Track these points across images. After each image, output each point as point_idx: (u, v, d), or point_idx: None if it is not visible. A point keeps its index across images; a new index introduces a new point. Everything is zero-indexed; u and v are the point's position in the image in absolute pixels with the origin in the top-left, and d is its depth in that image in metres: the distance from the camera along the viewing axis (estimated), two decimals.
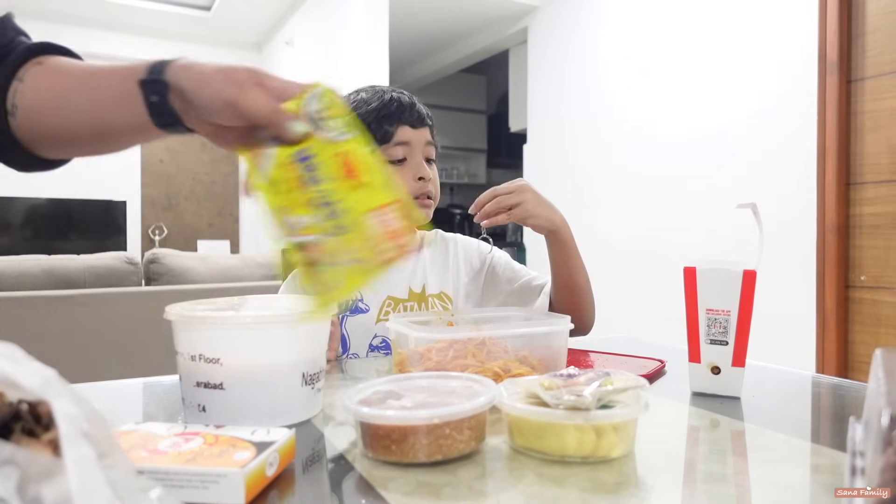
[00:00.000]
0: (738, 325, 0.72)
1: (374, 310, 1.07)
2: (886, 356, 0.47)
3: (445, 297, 1.11)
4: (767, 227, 0.79)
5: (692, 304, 0.74)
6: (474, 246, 1.20)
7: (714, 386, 0.73)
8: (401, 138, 1.07)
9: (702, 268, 0.74)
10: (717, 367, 0.73)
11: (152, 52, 5.18)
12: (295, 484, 0.49)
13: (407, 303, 1.09)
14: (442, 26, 4.32)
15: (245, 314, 0.62)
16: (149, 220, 5.30)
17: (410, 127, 1.07)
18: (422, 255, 1.14)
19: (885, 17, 2.14)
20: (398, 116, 1.07)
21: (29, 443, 0.31)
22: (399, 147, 1.07)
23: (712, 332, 0.73)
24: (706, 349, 0.73)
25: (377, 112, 1.07)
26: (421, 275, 1.12)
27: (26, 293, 2.10)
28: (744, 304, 0.71)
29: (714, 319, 0.73)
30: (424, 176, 1.06)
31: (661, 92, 2.95)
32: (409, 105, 1.08)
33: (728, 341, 0.72)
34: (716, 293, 0.73)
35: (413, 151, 1.08)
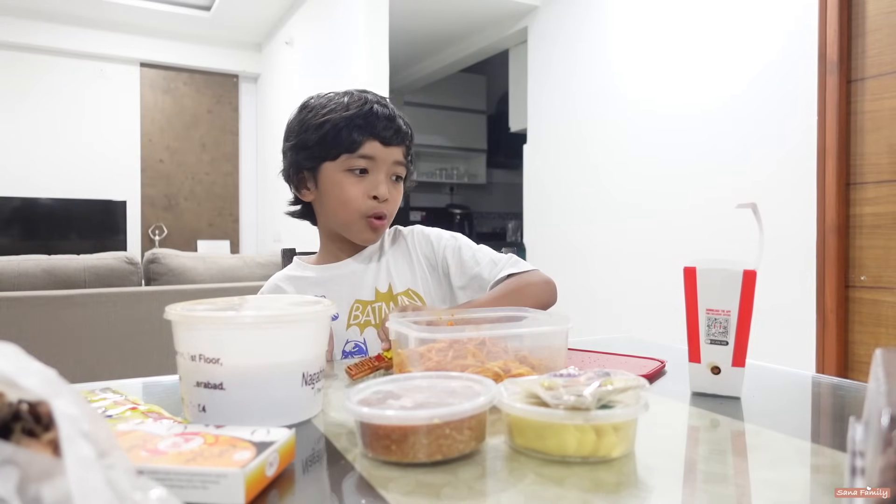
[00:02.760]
0: (739, 326, 0.71)
1: (343, 316, 1.06)
2: (886, 356, 0.47)
3: (414, 295, 1.10)
4: (767, 227, 0.79)
5: (692, 304, 0.74)
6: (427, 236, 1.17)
7: (714, 386, 0.73)
8: (367, 151, 1.04)
9: (702, 268, 0.74)
10: (718, 367, 0.73)
11: (152, 51, 5.19)
12: (295, 484, 0.49)
13: (374, 304, 1.08)
14: (442, 26, 4.32)
15: (245, 314, 0.62)
16: (149, 220, 5.30)
17: (381, 143, 1.04)
18: (384, 255, 1.13)
19: (885, 17, 2.14)
20: (370, 129, 1.04)
21: (29, 443, 0.31)
22: (362, 160, 1.04)
23: (712, 332, 0.73)
24: (706, 349, 0.73)
25: (351, 119, 1.04)
26: (385, 274, 1.10)
27: (26, 293, 2.10)
28: (744, 304, 0.71)
29: (714, 319, 0.73)
30: (379, 196, 1.04)
31: (661, 91, 2.95)
32: (385, 119, 1.05)
33: (728, 341, 0.72)
34: (716, 293, 0.72)
35: (377, 167, 1.05)
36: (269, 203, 5.36)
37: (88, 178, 5.02)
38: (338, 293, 1.07)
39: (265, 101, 5.44)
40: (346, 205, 1.05)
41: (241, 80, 5.66)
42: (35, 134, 4.85)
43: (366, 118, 1.04)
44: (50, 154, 4.90)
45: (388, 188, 1.05)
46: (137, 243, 5.22)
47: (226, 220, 5.63)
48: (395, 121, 1.06)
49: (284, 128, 1.13)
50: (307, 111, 1.08)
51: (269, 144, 5.27)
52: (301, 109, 1.10)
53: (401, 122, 1.08)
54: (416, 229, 1.19)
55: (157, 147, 5.33)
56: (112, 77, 5.13)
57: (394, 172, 1.07)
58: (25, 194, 4.77)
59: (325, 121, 1.05)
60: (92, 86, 5.05)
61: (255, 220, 5.74)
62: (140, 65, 5.24)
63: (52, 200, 4.82)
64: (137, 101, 5.24)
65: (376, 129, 1.04)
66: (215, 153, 5.57)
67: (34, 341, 2.08)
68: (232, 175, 5.65)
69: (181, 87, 5.42)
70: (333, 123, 1.04)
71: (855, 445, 0.45)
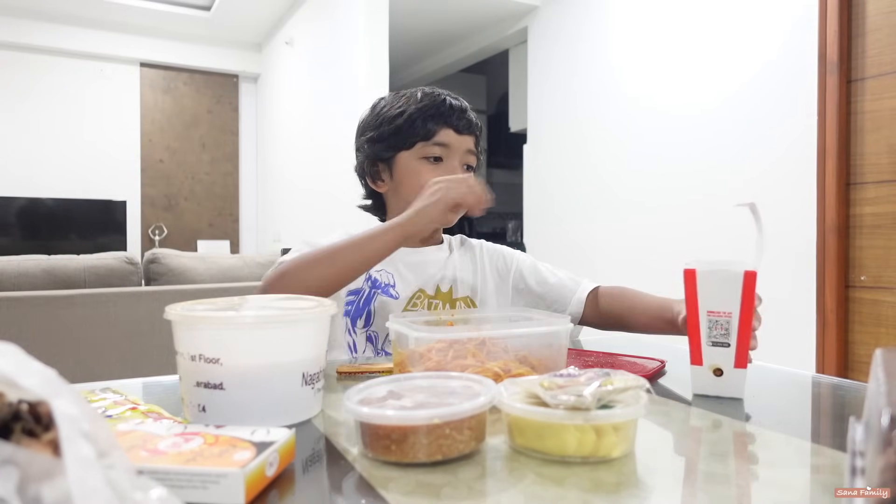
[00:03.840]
0: (740, 327, 0.71)
1: (402, 299, 1.09)
2: (886, 356, 0.47)
3: (471, 303, 1.13)
4: (768, 227, 0.79)
5: (693, 305, 0.73)
6: (500, 251, 1.22)
7: (717, 388, 0.73)
8: (442, 139, 1.09)
9: (702, 269, 0.73)
10: (720, 369, 0.72)
11: (152, 51, 5.19)
12: (295, 484, 0.49)
13: (434, 300, 1.10)
14: (442, 26, 4.32)
15: (245, 314, 0.62)
16: (149, 220, 5.30)
17: (455, 131, 1.09)
18: (452, 257, 1.16)
19: (885, 17, 2.14)
20: (444, 118, 1.09)
21: (29, 443, 0.31)
22: (438, 147, 1.09)
23: (714, 334, 0.72)
24: (708, 351, 0.72)
25: (425, 109, 1.10)
26: (451, 276, 1.13)
27: (26, 293, 2.10)
28: (745, 306, 0.70)
29: (715, 321, 0.72)
30: None
31: (661, 91, 2.95)
32: (458, 109, 1.11)
33: (730, 343, 0.71)
34: (716, 295, 0.72)
35: (451, 155, 1.10)
36: (269, 203, 5.36)
37: (88, 178, 5.02)
38: (405, 276, 1.11)
39: (265, 101, 5.44)
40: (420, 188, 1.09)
41: (241, 80, 5.66)
42: (35, 134, 4.85)
43: (439, 108, 1.10)
44: (50, 154, 4.90)
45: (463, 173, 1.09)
46: (137, 243, 5.22)
47: (226, 220, 5.63)
48: (467, 112, 1.12)
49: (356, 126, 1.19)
50: (382, 106, 1.14)
51: (269, 144, 5.27)
52: (374, 107, 1.16)
53: (472, 114, 1.13)
54: (483, 243, 1.24)
55: (157, 147, 5.33)
56: (112, 77, 5.13)
57: (466, 161, 1.12)
58: (26, 194, 4.77)
59: (401, 112, 1.11)
60: (92, 86, 5.05)
61: (255, 220, 5.74)
62: (140, 65, 5.24)
63: (53, 200, 4.83)
64: (137, 101, 5.24)
65: (450, 118, 1.09)
66: (215, 153, 5.57)
67: (34, 341, 2.08)
68: (232, 175, 5.65)
69: (181, 87, 5.42)
70: (409, 114, 1.10)
71: (855, 445, 0.45)
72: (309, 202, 4.25)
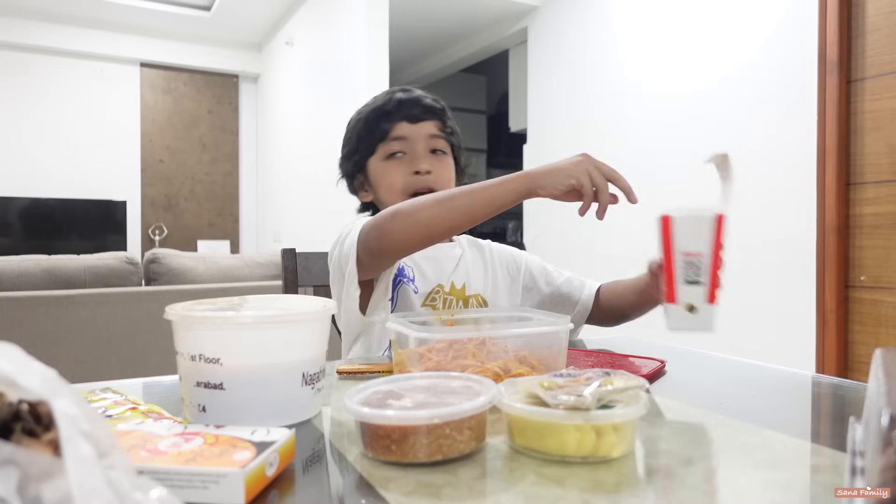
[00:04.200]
0: (712, 266, 0.78)
1: (421, 294, 1.09)
2: (886, 356, 0.47)
3: (482, 301, 1.13)
4: (767, 227, 0.80)
5: (668, 249, 0.81)
6: (509, 252, 1.23)
7: (691, 323, 0.79)
8: (397, 133, 1.10)
9: (677, 215, 0.81)
10: (693, 305, 0.78)
11: (152, 51, 5.19)
12: (295, 484, 0.49)
13: (448, 296, 1.11)
14: (442, 26, 4.32)
15: (245, 314, 0.62)
16: (149, 220, 5.30)
17: (408, 121, 1.10)
18: (465, 256, 1.16)
19: (885, 17, 2.14)
20: (395, 114, 1.10)
21: (29, 443, 0.31)
22: (395, 142, 1.10)
23: (688, 274, 0.79)
24: (683, 290, 0.79)
25: (377, 111, 1.12)
26: (463, 273, 1.14)
27: (26, 293, 2.10)
28: (716, 246, 0.78)
29: (689, 262, 0.79)
30: (420, 170, 1.08)
31: (661, 91, 2.95)
32: (407, 101, 1.11)
33: (702, 281, 0.78)
34: (690, 238, 0.79)
35: (412, 146, 1.10)
36: (269, 203, 5.36)
37: (88, 178, 5.02)
38: (425, 271, 1.11)
39: (265, 101, 5.44)
40: (391, 189, 1.10)
41: (241, 80, 5.66)
42: (35, 134, 4.85)
43: (387, 106, 1.11)
44: (50, 154, 4.90)
45: (429, 161, 1.10)
46: (137, 243, 5.22)
47: (226, 220, 5.63)
48: (421, 100, 1.12)
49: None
50: (349, 122, 1.17)
51: (270, 144, 5.27)
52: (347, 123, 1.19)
53: (428, 100, 1.13)
54: (491, 243, 1.24)
55: (157, 147, 5.33)
56: (112, 77, 5.13)
57: (432, 147, 1.12)
58: (26, 194, 4.77)
59: (359, 120, 1.14)
60: (92, 86, 5.05)
61: (255, 220, 5.74)
62: (140, 65, 5.24)
63: (53, 200, 4.83)
64: (137, 102, 5.24)
65: (400, 111, 1.10)
66: (215, 153, 5.57)
67: (34, 341, 2.08)
68: (232, 175, 5.65)
69: (181, 87, 5.42)
70: (365, 121, 1.13)
71: (855, 445, 0.45)
72: (309, 202, 4.25)
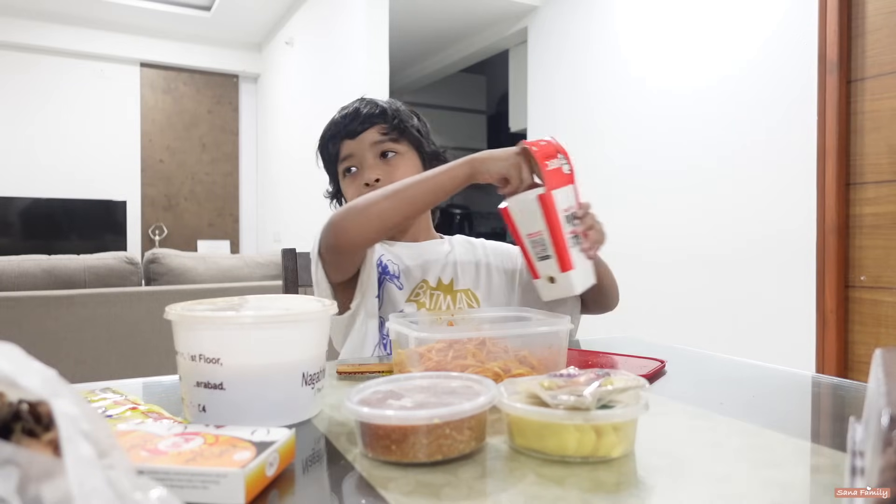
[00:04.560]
0: (554, 240, 0.85)
1: (406, 289, 1.10)
2: (886, 356, 0.47)
3: (472, 296, 1.14)
4: (767, 227, 0.81)
5: (516, 234, 0.88)
6: (504, 249, 1.23)
7: (555, 292, 0.88)
8: (344, 152, 1.14)
9: (509, 204, 0.89)
10: (552, 276, 0.87)
11: (152, 51, 5.19)
12: (295, 484, 0.49)
13: (435, 291, 1.12)
14: (442, 26, 4.32)
15: (245, 314, 0.62)
16: (149, 220, 5.30)
17: (349, 139, 1.13)
18: (453, 252, 1.17)
19: (885, 17, 2.14)
20: (337, 134, 1.14)
21: (29, 443, 0.31)
22: (345, 160, 1.14)
23: (537, 251, 0.87)
24: (539, 265, 0.87)
25: (323, 138, 1.17)
26: (451, 269, 1.15)
27: (26, 293, 2.10)
28: (550, 223, 0.84)
29: (534, 241, 0.86)
30: (368, 181, 1.10)
31: (661, 91, 2.95)
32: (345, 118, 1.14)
33: (550, 255, 0.86)
34: (526, 221, 0.86)
35: (359, 160, 1.13)
36: (269, 203, 5.36)
37: (88, 178, 5.02)
38: (409, 268, 1.13)
39: (265, 101, 5.44)
40: None
41: (241, 80, 5.66)
42: (35, 134, 4.85)
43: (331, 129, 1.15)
44: (50, 154, 4.90)
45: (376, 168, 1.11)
46: (137, 243, 5.22)
47: (226, 220, 5.63)
48: (358, 112, 1.14)
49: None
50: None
51: (270, 144, 5.26)
52: None
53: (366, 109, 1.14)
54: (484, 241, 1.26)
55: (157, 147, 5.33)
56: (112, 77, 5.13)
57: (379, 151, 1.13)
58: (26, 194, 4.77)
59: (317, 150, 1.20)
60: (92, 86, 5.05)
61: (255, 220, 5.74)
62: (140, 65, 5.24)
63: (53, 200, 4.83)
64: (137, 101, 5.24)
65: (340, 131, 1.13)
66: (215, 153, 5.57)
67: (34, 341, 2.08)
68: (232, 175, 5.65)
69: (181, 87, 5.42)
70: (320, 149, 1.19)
71: (855, 445, 0.45)
72: (309, 202, 4.25)
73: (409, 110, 1.19)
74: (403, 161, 1.14)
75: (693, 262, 2.76)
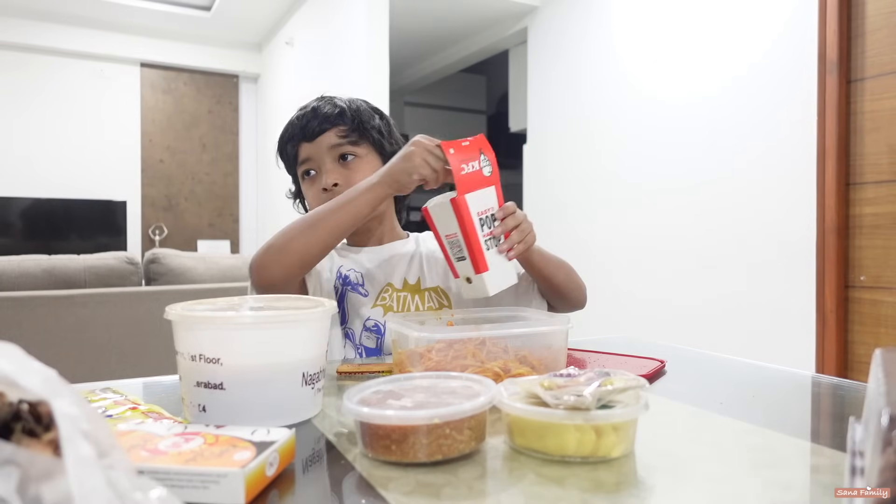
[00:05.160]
0: (467, 243, 0.86)
1: (371, 295, 1.09)
2: (886, 356, 0.47)
3: (441, 293, 1.13)
4: (767, 227, 0.80)
5: (437, 236, 0.90)
6: None
7: (472, 292, 0.89)
8: (302, 156, 1.11)
9: (429, 205, 0.90)
10: (468, 277, 0.89)
11: (152, 51, 5.19)
12: (295, 484, 0.49)
13: (402, 293, 1.11)
14: (442, 26, 4.32)
15: (245, 314, 0.62)
16: (149, 220, 5.30)
17: (306, 141, 1.10)
18: (418, 251, 1.16)
19: (885, 17, 2.14)
20: (294, 136, 1.11)
21: (29, 443, 0.31)
22: (304, 164, 1.11)
23: (454, 252, 0.88)
24: (457, 266, 0.89)
25: (282, 139, 1.14)
26: (417, 269, 1.13)
27: (26, 293, 2.10)
28: (465, 225, 0.86)
29: (451, 242, 0.88)
30: (326, 186, 1.07)
31: (660, 91, 2.95)
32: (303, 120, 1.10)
33: (465, 256, 0.87)
34: (443, 222, 0.88)
35: (317, 164, 1.10)
36: (269, 203, 5.36)
37: (88, 178, 5.02)
38: (372, 273, 1.11)
39: (265, 101, 5.44)
40: (311, 208, 1.12)
41: (241, 80, 5.66)
42: (35, 134, 4.85)
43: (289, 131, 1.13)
44: (50, 154, 4.90)
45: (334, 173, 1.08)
46: (137, 243, 5.22)
47: (226, 220, 5.62)
48: (317, 112, 1.10)
49: None
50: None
51: (270, 144, 5.26)
52: None
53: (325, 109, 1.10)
54: None
55: (157, 147, 5.33)
56: (112, 77, 5.13)
57: (338, 154, 1.10)
58: (26, 194, 4.77)
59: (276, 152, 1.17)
60: (92, 86, 5.05)
61: (255, 220, 5.74)
62: (140, 65, 5.23)
63: (53, 200, 4.82)
64: (137, 102, 5.24)
65: (297, 134, 1.11)
66: (215, 153, 5.56)
67: (34, 341, 2.08)
68: (232, 175, 5.64)
69: (181, 87, 5.42)
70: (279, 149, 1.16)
71: (855, 445, 0.45)
72: None
73: (370, 108, 1.15)
74: (362, 164, 1.10)
75: (693, 262, 2.76)
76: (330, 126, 1.09)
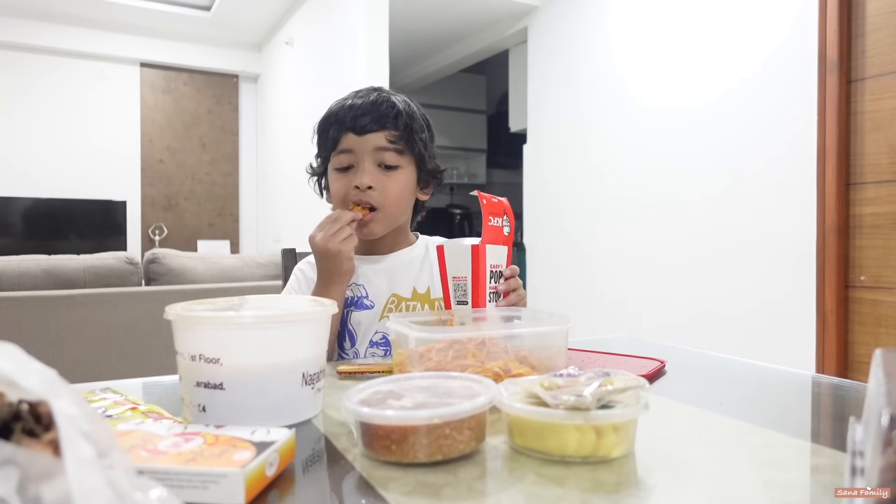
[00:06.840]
0: (475, 288, 0.89)
1: (378, 307, 1.08)
2: (886, 356, 0.47)
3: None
4: (767, 227, 0.80)
5: (444, 274, 0.92)
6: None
7: None
8: (344, 146, 1.05)
9: (447, 245, 0.92)
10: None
11: (152, 51, 5.19)
12: (295, 484, 0.49)
13: (410, 302, 1.09)
14: (442, 26, 4.32)
15: (245, 314, 0.62)
16: (149, 220, 5.30)
17: (355, 133, 1.04)
18: (426, 259, 1.14)
19: (885, 17, 2.14)
20: (344, 123, 1.04)
21: (29, 443, 0.31)
22: (343, 155, 1.05)
23: (458, 295, 0.91)
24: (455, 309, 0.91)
25: (329, 118, 1.07)
26: (427, 278, 1.12)
27: (26, 293, 2.10)
28: (476, 272, 0.89)
29: (457, 285, 0.91)
30: (360, 185, 1.02)
31: (660, 91, 2.95)
32: (358, 109, 1.04)
33: (468, 301, 0.90)
34: (457, 263, 0.90)
35: (358, 159, 1.04)
36: (269, 203, 5.35)
37: (88, 178, 5.02)
38: (376, 283, 1.09)
39: (265, 101, 5.44)
40: (335, 197, 1.08)
41: (241, 80, 5.66)
42: (35, 134, 4.85)
43: (338, 114, 1.06)
44: (50, 154, 4.90)
45: (372, 175, 1.03)
46: (137, 243, 5.22)
47: (226, 220, 5.62)
48: (375, 107, 1.04)
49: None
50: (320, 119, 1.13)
51: (269, 144, 5.26)
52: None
53: (383, 106, 1.05)
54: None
55: (157, 147, 5.33)
56: (112, 77, 5.12)
57: (380, 160, 1.04)
58: (26, 194, 4.77)
59: (319, 122, 1.10)
60: (92, 86, 5.05)
61: (255, 220, 5.74)
62: (140, 65, 5.23)
63: (53, 200, 4.82)
64: (137, 102, 5.24)
65: (346, 121, 1.04)
66: (215, 153, 5.56)
67: (34, 341, 2.08)
68: (232, 175, 5.64)
69: (181, 87, 5.42)
70: (321, 126, 1.09)
71: (855, 445, 0.45)
72: (309, 202, 4.25)
73: (423, 118, 1.11)
74: (401, 176, 1.06)
75: (693, 262, 2.76)
76: (381, 128, 1.04)
